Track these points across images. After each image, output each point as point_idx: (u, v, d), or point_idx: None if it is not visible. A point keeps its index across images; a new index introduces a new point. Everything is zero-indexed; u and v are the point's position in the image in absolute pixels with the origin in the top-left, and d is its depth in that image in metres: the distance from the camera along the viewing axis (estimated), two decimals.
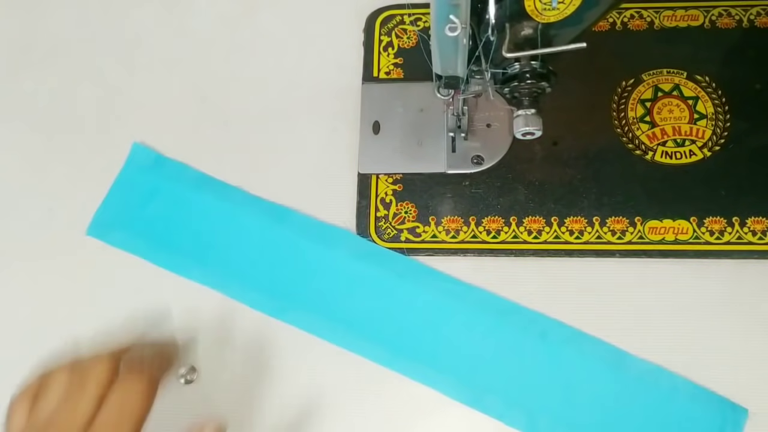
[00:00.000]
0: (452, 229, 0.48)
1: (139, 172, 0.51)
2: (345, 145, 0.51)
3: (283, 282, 0.47)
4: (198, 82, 0.54)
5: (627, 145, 0.49)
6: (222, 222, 0.49)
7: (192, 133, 0.52)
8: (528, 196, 0.48)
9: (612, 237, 0.47)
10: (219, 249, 0.48)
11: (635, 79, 0.50)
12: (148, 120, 0.53)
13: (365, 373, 0.45)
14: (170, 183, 0.50)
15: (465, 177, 0.49)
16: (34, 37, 0.57)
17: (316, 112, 0.52)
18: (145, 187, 0.50)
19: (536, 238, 0.47)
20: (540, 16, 0.34)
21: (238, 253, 0.48)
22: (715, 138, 0.48)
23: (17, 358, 0.47)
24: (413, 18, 0.54)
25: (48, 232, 0.50)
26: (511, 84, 0.38)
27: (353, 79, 0.52)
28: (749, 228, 0.46)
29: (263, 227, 0.48)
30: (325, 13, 0.55)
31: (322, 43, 0.54)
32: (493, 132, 0.50)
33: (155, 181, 0.50)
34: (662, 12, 0.52)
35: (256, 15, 0.56)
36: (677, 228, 0.46)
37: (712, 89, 0.50)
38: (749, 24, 0.51)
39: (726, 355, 0.44)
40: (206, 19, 0.56)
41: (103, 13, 0.57)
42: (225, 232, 0.48)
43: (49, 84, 0.55)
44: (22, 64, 0.56)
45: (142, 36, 0.56)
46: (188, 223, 0.49)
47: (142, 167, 0.51)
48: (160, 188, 0.50)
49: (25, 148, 0.53)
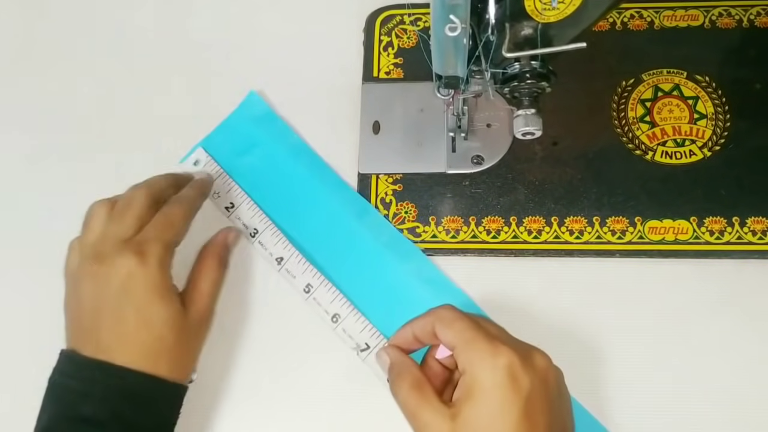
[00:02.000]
0: (452, 229, 0.48)
1: (247, 120, 0.52)
2: (345, 145, 0.51)
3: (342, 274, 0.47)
4: (198, 82, 0.54)
5: (627, 145, 0.49)
6: (305, 198, 0.49)
7: (192, 133, 0.52)
8: (528, 196, 0.48)
9: (612, 237, 0.47)
10: (294, 221, 0.48)
11: (635, 79, 0.50)
12: (148, 120, 0.53)
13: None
14: (271, 142, 0.51)
15: (465, 177, 0.49)
16: (34, 37, 0.57)
17: (316, 112, 0.52)
18: (248, 137, 0.51)
19: (536, 238, 0.47)
20: (540, 16, 0.34)
21: (311, 233, 0.48)
22: (715, 138, 0.48)
23: (17, 358, 0.48)
24: (413, 18, 0.54)
25: (47, 232, 0.50)
26: (511, 84, 0.38)
27: (353, 79, 0.52)
28: (749, 228, 0.46)
29: (342, 216, 0.48)
30: (325, 13, 0.55)
31: (322, 43, 0.54)
32: (493, 132, 0.50)
33: (259, 135, 0.51)
34: (662, 12, 0.52)
35: (256, 15, 0.56)
36: (677, 228, 0.46)
37: (712, 89, 0.50)
38: (749, 24, 0.51)
39: (726, 354, 0.44)
40: (206, 19, 0.56)
41: (104, 13, 0.57)
42: (305, 209, 0.49)
43: (49, 84, 0.55)
44: (21, 64, 0.56)
45: (142, 36, 0.56)
46: (274, 186, 0.49)
47: (251, 116, 0.52)
48: (260, 143, 0.51)
49: (24, 148, 0.53)
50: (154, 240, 0.40)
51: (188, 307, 0.41)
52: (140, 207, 0.41)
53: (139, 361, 0.38)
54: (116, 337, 0.38)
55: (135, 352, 0.38)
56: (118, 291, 0.38)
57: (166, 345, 0.39)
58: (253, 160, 0.50)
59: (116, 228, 0.41)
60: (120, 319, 0.38)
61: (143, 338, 0.38)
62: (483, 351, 0.34)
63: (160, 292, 0.39)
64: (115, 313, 0.38)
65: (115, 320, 0.38)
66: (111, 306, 0.38)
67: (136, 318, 0.38)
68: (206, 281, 0.43)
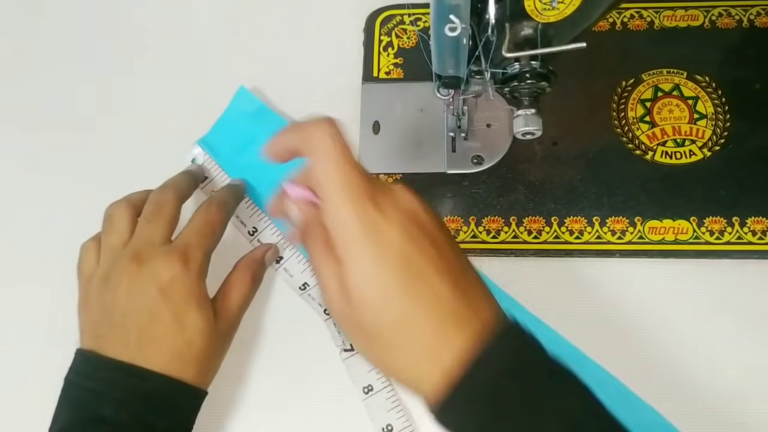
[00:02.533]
0: (452, 229, 0.48)
1: (240, 117, 0.51)
2: None
3: None
4: (198, 82, 0.54)
5: (627, 145, 0.49)
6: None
7: (192, 133, 0.52)
8: (528, 196, 0.48)
9: (612, 237, 0.47)
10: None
11: (635, 79, 0.50)
12: (148, 120, 0.53)
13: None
14: (266, 137, 0.49)
15: (465, 177, 0.49)
16: (34, 37, 0.57)
17: (316, 111, 0.52)
18: (245, 133, 0.50)
19: (536, 238, 0.47)
20: (540, 16, 0.34)
21: None
22: (715, 138, 0.48)
23: (16, 358, 0.48)
24: (413, 18, 0.54)
25: (47, 232, 0.50)
26: (511, 84, 0.38)
27: (353, 79, 0.52)
28: (749, 228, 0.46)
29: None
30: (325, 13, 0.55)
31: (322, 43, 0.54)
32: (493, 132, 0.50)
33: (255, 130, 0.50)
34: (662, 12, 0.52)
35: (256, 15, 0.56)
36: (677, 228, 0.47)
37: (712, 89, 0.50)
38: (749, 24, 0.51)
39: (726, 355, 0.44)
40: (206, 19, 0.56)
41: (103, 13, 0.57)
42: None
43: (49, 84, 0.55)
44: (21, 64, 0.56)
45: (142, 36, 0.56)
46: (274, 182, 0.48)
47: (245, 112, 0.51)
48: (258, 139, 0.50)
49: (23, 148, 0.53)
50: (197, 246, 0.40)
51: (218, 317, 0.41)
52: (172, 210, 0.42)
53: (166, 365, 0.38)
54: (148, 338, 0.38)
55: (164, 355, 0.38)
56: (157, 293, 0.38)
57: (195, 352, 0.39)
58: (252, 156, 0.50)
59: (151, 230, 0.40)
60: (154, 320, 0.38)
61: (174, 343, 0.38)
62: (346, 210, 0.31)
63: (197, 300, 0.39)
64: (149, 314, 0.38)
65: (150, 321, 0.38)
66: (146, 307, 0.38)
67: (171, 322, 0.38)
68: (237, 294, 0.43)
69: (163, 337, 0.38)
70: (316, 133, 0.33)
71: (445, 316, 0.31)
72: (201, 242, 0.41)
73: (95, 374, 0.38)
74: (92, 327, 0.40)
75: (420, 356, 0.31)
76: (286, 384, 0.46)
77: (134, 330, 0.38)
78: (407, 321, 0.31)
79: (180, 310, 0.38)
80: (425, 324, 0.31)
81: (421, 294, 0.31)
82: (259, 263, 0.45)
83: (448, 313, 0.31)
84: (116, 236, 0.41)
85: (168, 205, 0.42)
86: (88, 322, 0.40)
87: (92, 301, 0.40)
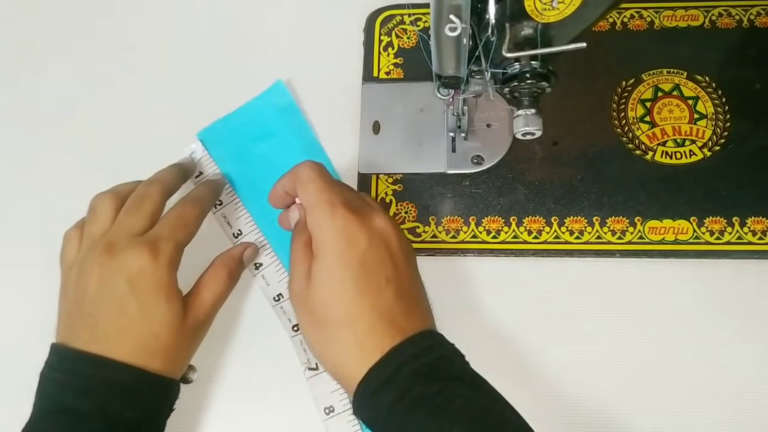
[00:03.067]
0: (452, 229, 0.48)
1: (268, 107, 0.51)
2: (345, 145, 0.51)
3: None
4: (197, 82, 0.54)
5: (627, 145, 0.49)
6: None
7: (192, 133, 0.52)
8: (528, 196, 0.48)
9: (612, 237, 0.47)
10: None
11: (635, 79, 0.50)
12: (148, 120, 0.53)
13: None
14: (289, 134, 0.51)
15: (465, 177, 0.49)
16: (34, 37, 0.57)
17: (316, 111, 0.52)
18: (265, 125, 0.51)
19: (536, 238, 0.47)
20: (540, 16, 0.34)
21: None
22: (715, 138, 0.48)
23: (16, 358, 0.48)
24: (413, 18, 0.54)
25: (47, 232, 0.50)
26: (511, 84, 0.38)
27: (353, 79, 0.52)
28: (749, 228, 0.46)
29: None
30: (325, 13, 0.55)
31: (322, 43, 0.54)
32: (493, 132, 0.50)
33: (278, 125, 0.51)
34: (662, 12, 0.52)
35: (256, 15, 0.56)
36: (677, 228, 0.46)
37: (712, 89, 0.50)
38: (749, 24, 0.51)
39: (726, 355, 0.44)
40: (206, 19, 0.56)
41: (103, 12, 0.57)
42: None
43: (49, 84, 0.55)
44: (21, 64, 0.56)
45: (143, 36, 0.56)
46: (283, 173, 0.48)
47: (273, 104, 0.51)
48: (277, 133, 0.50)
49: (24, 148, 0.53)
50: (168, 239, 0.40)
51: (188, 312, 0.41)
52: (154, 203, 0.42)
53: (131, 355, 0.38)
54: (114, 328, 0.38)
55: (129, 346, 0.38)
56: (125, 284, 0.39)
57: (161, 344, 0.39)
58: (266, 148, 0.50)
59: (129, 221, 0.41)
60: (122, 311, 0.38)
61: (141, 334, 0.39)
62: (323, 214, 0.38)
63: (166, 292, 0.39)
64: (118, 305, 0.39)
65: (117, 312, 0.38)
66: (115, 298, 0.39)
67: (138, 313, 0.39)
68: (211, 290, 0.43)
69: (130, 328, 0.38)
70: (301, 167, 0.41)
71: (382, 318, 0.37)
72: (172, 235, 0.41)
73: (62, 365, 0.38)
74: (66, 318, 0.40)
75: (351, 346, 0.36)
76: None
77: (102, 320, 0.38)
78: (349, 313, 0.37)
79: (147, 302, 0.39)
80: (363, 319, 0.37)
81: (368, 294, 0.37)
82: (236, 261, 0.45)
83: (385, 316, 0.37)
84: (97, 226, 0.41)
85: (150, 198, 0.42)
86: (63, 312, 0.41)
87: (69, 291, 0.41)
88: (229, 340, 0.47)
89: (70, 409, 0.37)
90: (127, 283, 0.39)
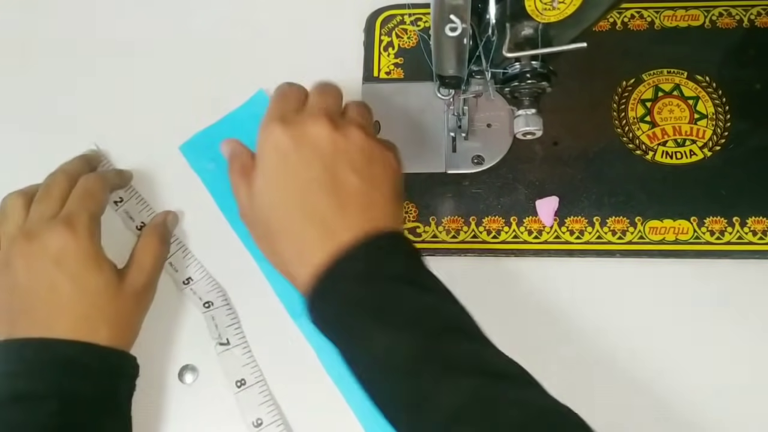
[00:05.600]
0: (453, 229, 0.48)
1: (249, 118, 0.51)
2: None
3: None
4: (197, 82, 0.54)
5: (627, 145, 0.49)
6: None
7: (191, 134, 0.52)
8: (528, 196, 0.48)
9: (612, 237, 0.47)
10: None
11: (636, 79, 0.50)
12: (148, 120, 0.53)
13: None
14: None
15: (465, 177, 0.49)
16: (34, 37, 0.56)
17: None
18: (250, 134, 0.50)
19: (536, 238, 0.47)
20: (540, 16, 0.34)
21: None
22: (716, 138, 0.48)
23: None
24: (413, 18, 0.54)
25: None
26: (512, 84, 0.38)
27: (353, 79, 0.52)
28: (749, 228, 0.46)
29: None
30: (325, 13, 0.55)
31: (322, 43, 0.54)
32: (493, 132, 0.50)
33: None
34: (662, 12, 0.52)
35: (256, 15, 0.56)
36: (677, 228, 0.47)
37: (713, 89, 0.50)
38: (750, 24, 0.51)
39: (726, 355, 0.44)
40: (206, 19, 0.56)
41: (103, 12, 0.57)
42: None
43: (49, 84, 0.55)
44: (21, 63, 0.56)
45: (143, 36, 0.56)
46: None
47: (255, 114, 0.50)
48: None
49: (24, 148, 0.53)
50: (79, 211, 0.41)
51: (125, 278, 0.42)
52: (61, 188, 0.43)
53: (75, 331, 0.39)
54: (51, 309, 0.39)
55: (71, 321, 0.39)
56: (51, 264, 0.39)
57: (104, 314, 0.40)
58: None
59: (41, 208, 0.42)
60: (54, 290, 0.39)
61: (79, 307, 0.39)
62: (259, 131, 0.40)
63: (94, 260, 0.40)
64: (49, 285, 0.39)
65: (49, 292, 0.39)
66: (45, 279, 0.39)
67: (71, 287, 0.39)
68: (147, 255, 0.44)
69: (66, 305, 0.39)
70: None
71: (323, 224, 0.36)
72: (83, 206, 0.42)
73: (8, 357, 0.38)
74: (5, 315, 0.40)
75: (298, 251, 0.37)
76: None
77: (38, 304, 0.39)
78: (293, 220, 0.37)
79: (77, 275, 0.39)
80: (296, 224, 0.37)
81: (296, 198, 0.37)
82: (163, 225, 0.46)
83: (327, 222, 0.36)
84: (11, 223, 0.42)
85: (56, 184, 0.43)
86: (1, 312, 0.41)
87: (2, 290, 0.41)
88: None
89: (23, 394, 0.37)
90: (54, 263, 0.39)
